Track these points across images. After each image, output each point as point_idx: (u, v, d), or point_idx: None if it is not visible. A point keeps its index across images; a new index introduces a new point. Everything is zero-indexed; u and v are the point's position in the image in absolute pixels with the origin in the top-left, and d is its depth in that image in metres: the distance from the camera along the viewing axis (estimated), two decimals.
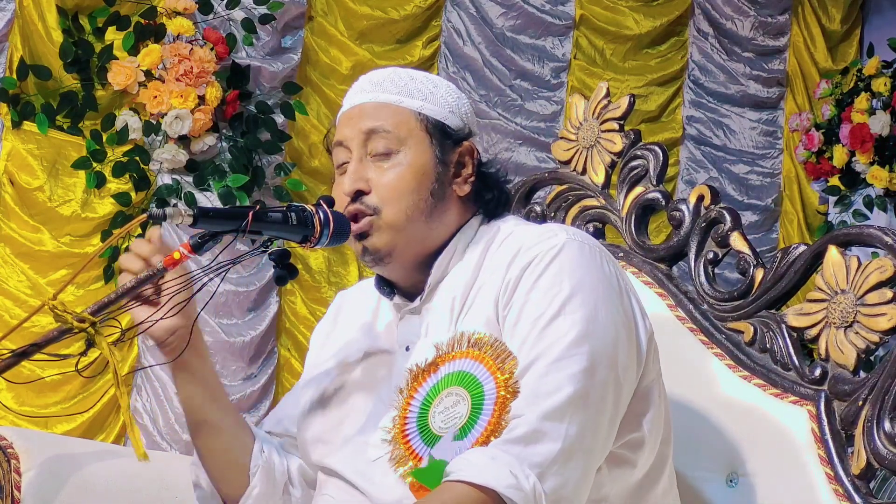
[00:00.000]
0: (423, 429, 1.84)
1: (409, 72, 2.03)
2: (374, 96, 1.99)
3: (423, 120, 1.97)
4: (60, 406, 4.54)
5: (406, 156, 1.95)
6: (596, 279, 1.86)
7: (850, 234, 2.14)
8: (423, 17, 5.44)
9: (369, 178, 1.95)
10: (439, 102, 1.99)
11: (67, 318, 1.75)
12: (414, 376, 1.89)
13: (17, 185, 4.60)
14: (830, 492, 2.04)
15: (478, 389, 1.81)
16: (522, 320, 1.83)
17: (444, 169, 1.97)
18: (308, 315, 5.04)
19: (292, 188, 4.96)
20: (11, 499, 2.11)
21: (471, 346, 1.85)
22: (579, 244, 1.89)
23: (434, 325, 1.94)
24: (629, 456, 1.90)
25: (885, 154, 5.60)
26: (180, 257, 1.83)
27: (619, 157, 2.46)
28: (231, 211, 1.88)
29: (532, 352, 1.80)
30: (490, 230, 2.00)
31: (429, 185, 1.95)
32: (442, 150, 1.97)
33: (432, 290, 1.97)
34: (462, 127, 2.01)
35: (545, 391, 1.76)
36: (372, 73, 2.03)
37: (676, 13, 5.92)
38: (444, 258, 1.97)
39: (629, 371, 1.86)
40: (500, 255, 1.93)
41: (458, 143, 1.99)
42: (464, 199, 2.00)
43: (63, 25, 4.66)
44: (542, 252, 1.87)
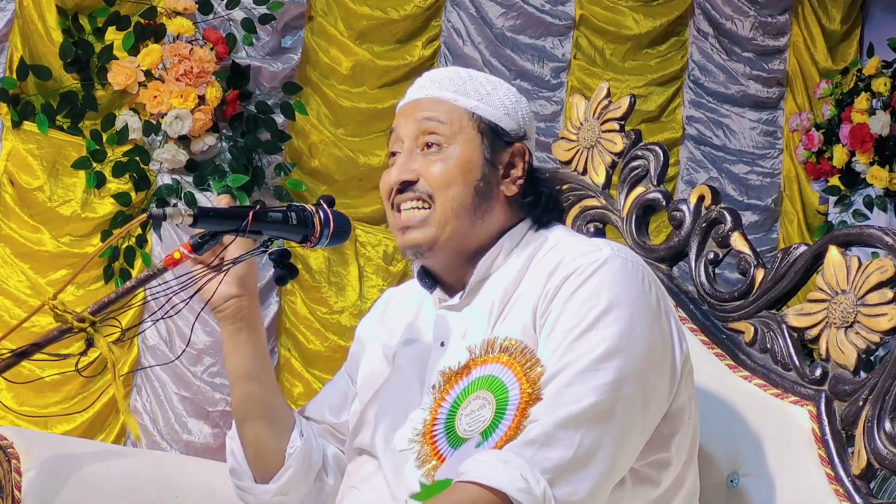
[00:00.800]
0: (449, 430, 1.85)
1: (469, 72, 2.06)
2: (431, 92, 2.02)
3: (476, 119, 2.00)
4: (60, 406, 4.54)
5: (455, 150, 1.98)
6: (635, 296, 1.87)
7: (850, 235, 2.14)
8: (422, 17, 5.44)
9: (416, 168, 1.98)
10: (495, 104, 2.02)
11: (67, 318, 1.75)
12: (447, 378, 1.90)
13: (17, 185, 4.60)
14: (831, 492, 2.04)
15: (503, 394, 1.83)
16: (556, 331, 1.84)
17: (491, 168, 1.99)
18: (308, 315, 5.04)
19: (292, 188, 4.96)
20: (12, 498, 2.11)
21: (502, 351, 1.87)
22: (622, 260, 1.90)
23: (472, 327, 1.95)
24: (654, 475, 1.91)
25: (885, 154, 5.60)
26: (180, 257, 1.83)
27: (620, 158, 2.46)
28: (231, 211, 1.88)
29: (561, 361, 1.81)
30: (537, 238, 2.01)
31: (474, 181, 1.97)
32: (492, 149, 1.99)
33: (474, 290, 1.99)
34: (517, 130, 2.03)
35: (566, 400, 1.77)
36: (433, 71, 2.08)
37: (676, 13, 5.92)
38: (488, 258, 1.99)
39: (659, 390, 1.86)
40: (544, 264, 1.94)
41: (510, 144, 2.01)
42: (511, 200, 2.01)
43: (63, 25, 4.66)
44: (583, 265, 1.88)
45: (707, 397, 2.23)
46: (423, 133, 1.99)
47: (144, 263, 4.64)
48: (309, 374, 5.01)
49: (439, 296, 2.03)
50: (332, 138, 5.20)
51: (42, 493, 2.13)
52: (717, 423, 2.20)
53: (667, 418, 1.90)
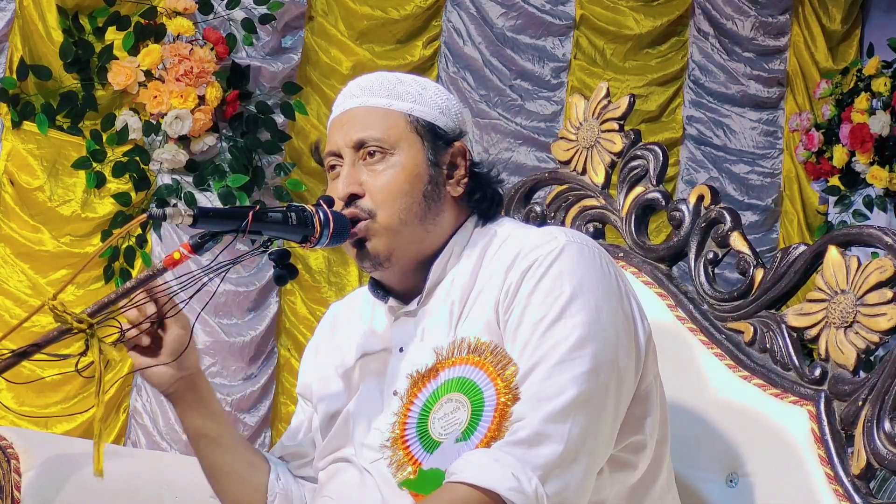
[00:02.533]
0: (422, 435, 1.84)
1: (396, 75, 2.03)
2: (362, 101, 1.99)
3: (413, 122, 1.97)
4: (60, 406, 4.54)
5: (399, 158, 1.95)
6: (596, 281, 1.86)
7: (850, 235, 2.14)
8: (423, 17, 5.44)
9: (363, 181, 1.95)
10: (428, 104, 1.99)
11: (67, 318, 1.75)
12: (413, 382, 1.89)
13: (17, 185, 4.60)
14: (830, 492, 2.04)
15: (478, 396, 1.81)
16: (524, 324, 1.83)
17: (436, 170, 1.97)
18: (308, 315, 5.04)
19: (292, 188, 4.96)
20: (11, 499, 2.10)
21: (471, 351, 1.85)
22: (578, 246, 1.89)
23: (431, 329, 1.94)
24: (630, 459, 1.90)
25: (885, 154, 5.59)
26: (180, 257, 1.83)
27: (619, 157, 2.46)
28: (231, 211, 1.88)
29: (534, 356, 1.80)
30: (486, 233, 1.99)
31: (421, 187, 1.95)
32: (434, 151, 1.97)
33: (429, 294, 1.97)
34: (453, 128, 2.00)
35: (548, 394, 1.76)
36: (360, 78, 2.03)
37: (677, 13, 5.92)
38: (441, 261, 1.97)
39: (629, 372, 1.86)
40: (499, 259, 1.92)
41: (450, 143, 1.99)
42: (457, 200, 1.99)
43: (63, 25, 4.66)
44: (541, 255, 1.86)
45: (706, 397, 2.23)
46: (363, 143, 1.95)
47: (144, 263, 4.64)
48: None
49: (393, 304, 2.01)
50: None
51: (42, 494, 2.13)
52: (716, 422, 2.20)
53: (636, 399, 1.89)
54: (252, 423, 4.85)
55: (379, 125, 1.96)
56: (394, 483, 1.85)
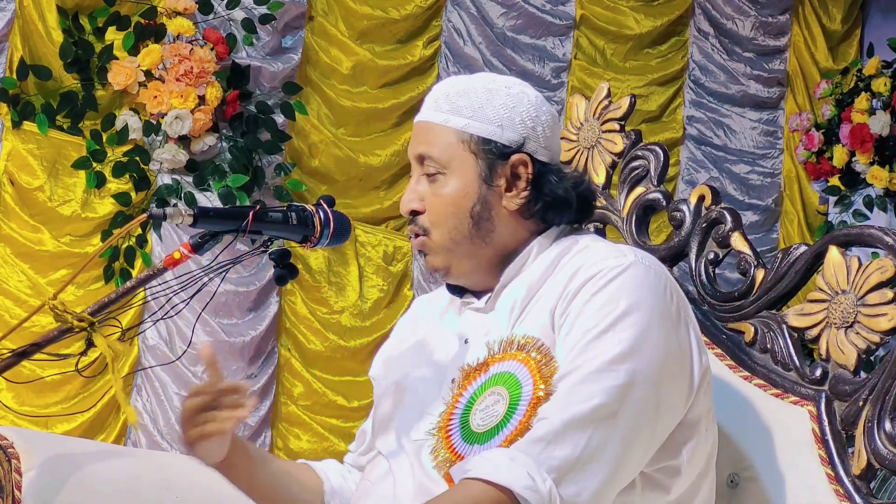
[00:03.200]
0: (463, 425, 1.87)
1: (469, 84, 2.03)
2: (427, 115, 2.02)
3: (466, 139, 1.98)
4: (61, 406, 4.54)
5: (450, 178, 1.98)
6: (653, 303, 1.87)
7: (850, 235, 2.14)
8: (423, 16, 5.44)
9: (423, 194, 2.00)
10: (488, 117, 1.98)
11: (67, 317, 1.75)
12: (465, 374, 1.92)
13: (17, 185, 4.60)
14: (831, 492, 2.04)
15: (517, 390, 1.84)
16: (574, 331, 1.85)
17: (489, 188, 1.98)
18: (308, 315, 5.04)
19: (292, 188, 4.96)
20: (12, 498, 2.10)
21: (519, 348, 1.89)
22: (645, 267, 1.91)
23: (495, 325, 1.96)
24: (664, 481, 1.91)
25: (885, 154, 5.60)
26: (180, 257, 1.83)
27: (620, 158, 2.46)
28: (231, 211, 1.88)
29: (575, 361, 1.82)
30: (566, 241, 2.01)
31: (469, 207, 1.97)
32: (489, 168, 1.98)
33: (498, 293, 2.00)
34: (516, 140, 1.98)
35: (575, 399, 1.79)
36: (436, 88, 2.06)
37: (677, 13, 5.92)
38: (515, 264, 1.99)
39: (673, 398, 1.87)
40: (569, 267, 1.94)
41: (508, 157, 1.98)
42: (517, 213, 2.00)
43: (63, 25, 4.66)
44: (606, 268, 1.89)
45: None
46: (422, 156, 2.00)
47: (144, 263, 4.64)
48: (309, 374, 5.01)
49: (466, 299, 2.05)
50: (332, 138, 5.20)
51: (42, 494, 2.13)
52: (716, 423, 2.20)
53: (681, 427, 1.90)
54: (252, 423, 4.85)
55: (435, 142, 1.99)
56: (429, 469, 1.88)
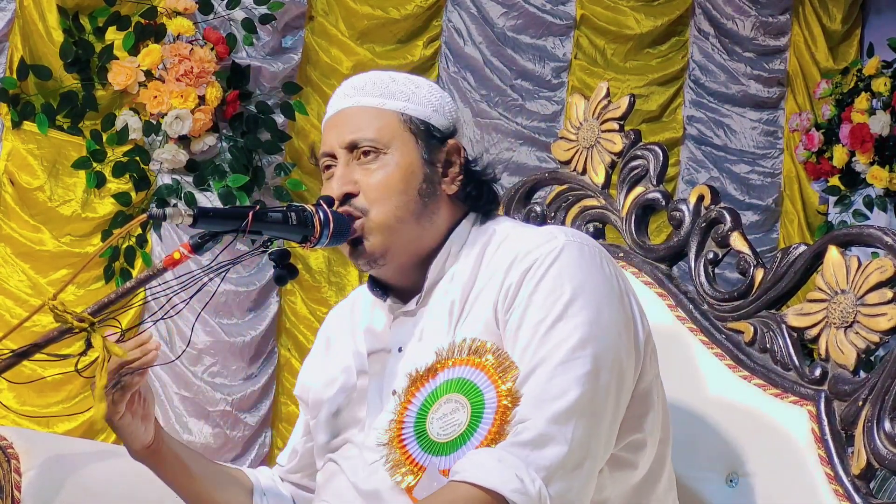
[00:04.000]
0: (420, 435, 1.84)
1: (390, 74, 2.03)
2: (356, 101, 1.99)
3: (406, 120, 1.97)
4: (61, 406, 4.54)
5: (393, 157, 1.95)
6: (597, 281, 1.86)
7: (850, 235, 2.14)
8: (423, 16, 5.44)
9: (357, 179, 1.96)
10: (422, 102, 1.99)
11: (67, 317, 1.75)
12: (412, 381, 1.88)
13: (17, 185, 4.60)
14: (830, 492, 2.04)
15: (478, 398, 1.81)
16: (525, 325, 1.82)
17: (431, 169, 1.97)
18: (308, 315, 5.04)
19: (292, 188, 4.96)
20: (12, 499, 2.10)
21: (471, 353, 1.85)
22: (578, 245, 1.89)
23: (430, 329, 1.93)
24: (630, 458, 1.90)
25: (885, 154, 5.59)
26: (180, 257, 1.83)
27: (620, 157, 2.46)
28: (231, 211, 1.88)
29: (535, 356, 1.80)
30: (485, 231, 1.99)
31: (416, 185, 1.95)
32: (428, 149, 1.97)
33: (427, 293, 1.97)
34: (447, 126, 2.00)
35: (551, 395, 1.76)
36: (353, 78, 2.04)
37: (677, 13, 5.92)
38: (439, 260, 1.96)
39: (629, 372, 1.86)
40: (499, 259, 1.92)
41: (444, 141, 1.99)
42: (453, 198, 1.99)
43: (63, 25, 4.66)
44: (541, 255, 1.86)
45: (706, 397, 2.23)
46: (356, 144, 1.96)
47: (144, 263, 4.64)
48: None
49: (392, 303, 2.01)
50: None
51: (42, 494, 2.13)
52: (716, 422, 2.20)
53: (636, 399, 1.89)
54: (252, 423, 4.85)
55: (372, 125, 1.96)
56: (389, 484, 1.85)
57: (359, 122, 1.97)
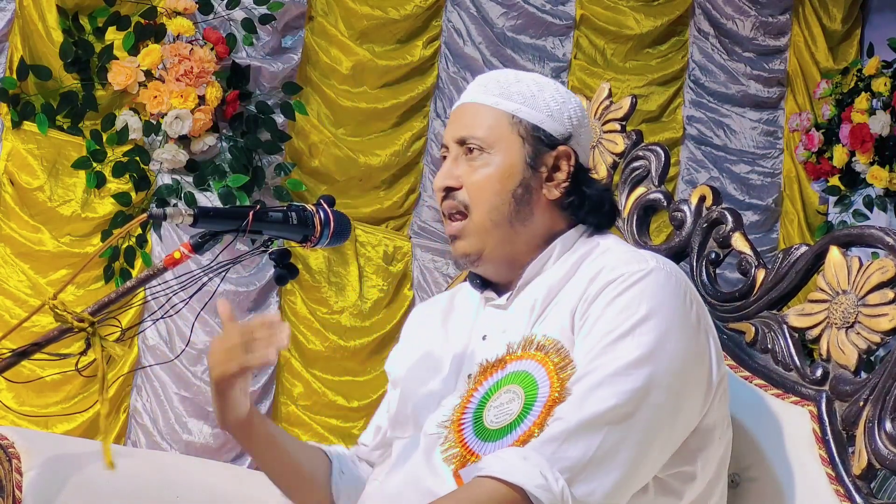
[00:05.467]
0: (476, 421, 1.88)
1: (518, 74, 2.07)
2: (475, 97, 2.04)
3: (516, 122, 2.00)
4: (61, 406, 4.54)
5: (495, 157, 1.99)
6: (673, 309, 1.89)
7: (851, 235, 2.14)
8: (423, 16, 5.44)
9: (460, 175, 2.00)
10: (538, 106, 2.02)
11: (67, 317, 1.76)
12: (482, 370, 1.93)
13: (17, 185, 4.59)
14: (831, 492, 2.04)
15: (533, 391, 1.85)
16: (593, 333, 1.86)
17: (533, 173, 2.00)
18: (308, 315, 5.04)
19: (292, 188, 4.96)
20: (13, 498, 2.10)
21: (538, 348, 1.89)
22: (667, 274, 1.92)
23: (514, 324, 1.97)
24: (677, 486, 1.92)
25: (885, 154, 5.59)
26: (180, 257, 1.83)
27: (621, 158, 2.46)
28: (231, 211, 1.88)
29: (592, 363, 1.83)
30: (589, 243, 2.02)
31: (512, 187, 1.98)
32: (534, 153, 2.00)
33: (520, 290, 2.00)
34: (562, 132, 2.02)
35: (591, 401, 1.80)
36: (483, 75, 2.09)
37: (677, 13, 5.92)
38: (538, 262, 2.00)
39: (690, 403, 1.88)
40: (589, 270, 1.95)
41: (554, 147, 2.01)
42: (555, 204, 2.02)
43: (63, 25, 4.66)
44: (627, 273, 1.90)
45: None
46: (465, 140, 2.01)
47: (144, 263, 4.64)
48: (309, 374, 5.01)
49: (487, 295, 2.05)
50: (332, 138, 5.20)
51: (43, 493, 2.13)
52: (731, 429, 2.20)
53: (696, 433, 1.91)
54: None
55: (483, 123, 2.01)
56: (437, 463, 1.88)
57: (472, 119, 2.02)
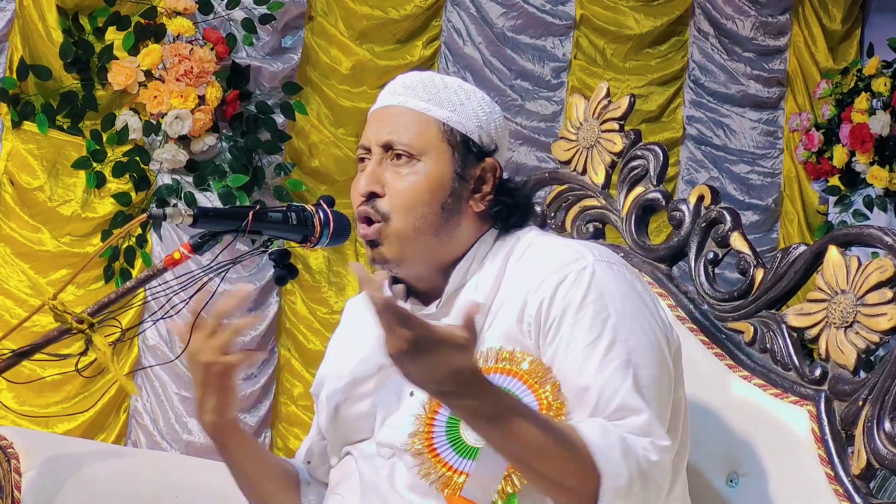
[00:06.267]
0: (455, 442, 1.82)
1: (444, 79, 2.01)
2: (403, 100, 1.97)
3: (447, 131, 1.95)
4: (61, 406, 4.54)
5: (425, 165, 1.93)
6: (634, 301, 1.89)
7: (850, 234, 2.14)
8: (423, 16, 5.44)
9: (386, 181, 1.93)
10: (468, 115, 1.97)
11: (67, 318, 1.76)
12: None
13: (17, 185, 4.60)
14: (830, 492, 2.04)
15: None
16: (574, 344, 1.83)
17: (461, 184, 1.95)
18: (308, 315, 5.04)
19: (292, 188, 4.96)
20: (12, 498, 2.11)
21: (501, 360, 1.84)
22: (607, 264, 1.90)
23: None
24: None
25: (885, 154, 5.59)
26: (180, 257, 1.84)
27: (620, 158, 2.46)
28: (231, 211, 1.88)
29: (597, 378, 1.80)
30: (508, 241, 1.98)
31: (441, 199, 1.93)
32: (463, 164, 1.95)
33: (451, 298, 1.96)
34: (488, 143, 1.98)
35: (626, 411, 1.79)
36: (407, 76, 2.02)
37: (677, 13, 5.92)
38: (461, 267, 1.95)
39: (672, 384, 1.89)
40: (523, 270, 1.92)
41: (482, 158, 1.97)
42: (480, 214, 1.97)
43: (63, 25, 4.66)
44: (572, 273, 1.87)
45: (707, 397, 2.23)
46: (392, 144, 1.94)
47: (144, 263, 4.64)
48: (309, 375, 5.00)
49: (413, 306, 1.99)
50: (332, 138, 5.20)
51: (42, 494, 2.13)
52: (716, 423, 2.20)
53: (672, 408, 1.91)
54: (252, 423, 4.85)
55: (411, 129, 1.94)
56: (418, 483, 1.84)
57: (399, 124, 1.95)
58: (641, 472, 1.73)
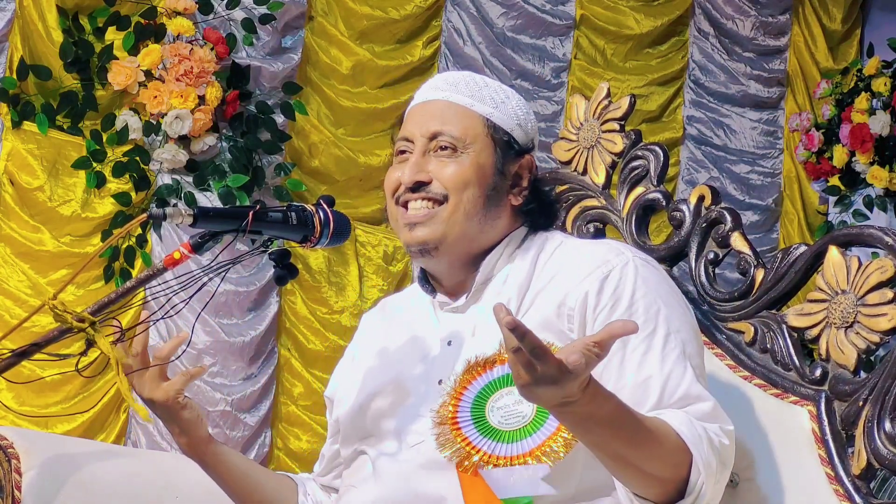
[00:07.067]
0: (478, 420, 1.86)
1: (484, 79, 2.08)
2: (446, 95, 2.03)
3: (490, 126, 2.02)
4: (61, 406, 4.54)
5: (469, 157, 1.99)
6: (675, 294, 2.02)
7: (850, 235, 2.14)
8: (423, 16, 5.44)
9: (430, 170, 1.99)
10: (508, 113, 2.04)
11: (67, 317, 1.75)
12: (468, 369, 1.91)
13: (17, 185, 4.60)
14: (831, 492, 2.04)
15: None
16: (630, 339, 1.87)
17: (501, 178, 2.02)
18: (308, 315, 5.04)
19: (292, 188, 4.96)
20: (12, 498, 2.11)
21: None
22: (644, 261, 2.00)
23: (485, 325, 1.95)
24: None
25: (885, 154, 5.60)
26: (180, 257, 1.83)
27: (620, 158, 2.46)
28: (231, 211, 1.88)
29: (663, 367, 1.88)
30: (538, 240, 2.05)
31: (485, 188, 2.00)
32: (503, 159, 2.02)
33: (478, 291, 2.01)
34: (526, 141, 2.06)
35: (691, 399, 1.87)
36: (447, 74, 2.09)
37: (677, 13, 5.92)
38: (490, 259, 2.01)
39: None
40: (558, 264, 1.98)
41: (520, 155, 2.04)
42: (515, 209, 2.04)
43: (63, 25, 4.66)
44: (616, 266, 1.95)
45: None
46: (437, 135, 2.00)
47: (144, 263, 4.64)
48: (309, 374, 5.01)
49: (441, 299, 2.05)
50: (332, 138, 5.20)
51: (42, 494, 2.13)
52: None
53: None
54: (252, 423, 4.85)
55: (458, 122, 2.01)
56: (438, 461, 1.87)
57: (446, 116, 2.01)
58: (721, 458, 1.82)
